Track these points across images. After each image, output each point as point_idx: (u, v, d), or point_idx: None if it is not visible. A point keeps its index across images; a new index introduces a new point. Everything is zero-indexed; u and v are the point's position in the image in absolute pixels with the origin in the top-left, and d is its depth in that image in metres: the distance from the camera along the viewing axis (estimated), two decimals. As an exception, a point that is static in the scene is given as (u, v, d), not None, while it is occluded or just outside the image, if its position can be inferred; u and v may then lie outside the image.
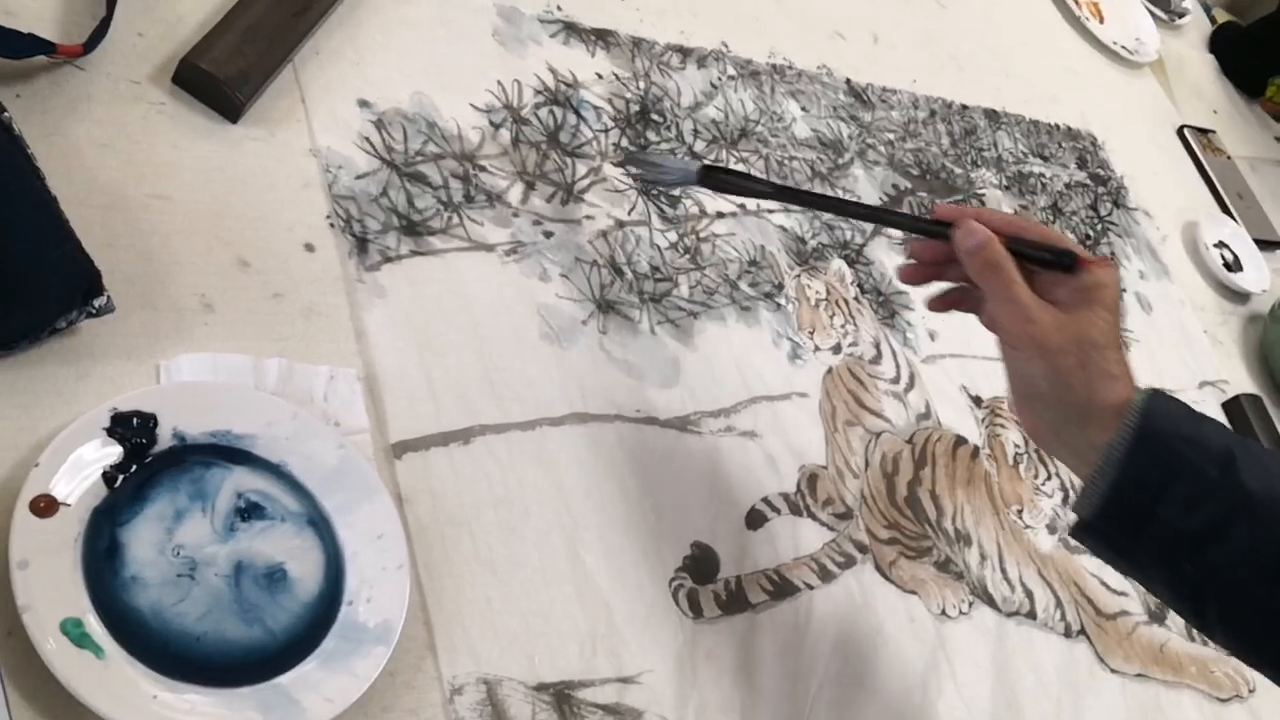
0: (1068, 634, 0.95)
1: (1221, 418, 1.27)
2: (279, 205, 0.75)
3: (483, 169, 0.86)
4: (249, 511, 0.64)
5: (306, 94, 0.81)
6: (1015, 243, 0.67)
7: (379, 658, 0.62)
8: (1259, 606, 0.62)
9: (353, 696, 0.61)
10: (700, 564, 0.79)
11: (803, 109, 1.13)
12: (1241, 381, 1.34)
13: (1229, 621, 0.64)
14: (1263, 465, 0.62)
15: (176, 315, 0.68)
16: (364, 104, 0.83)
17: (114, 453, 0.61)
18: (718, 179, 0.72)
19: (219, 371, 0.67)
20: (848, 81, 1.20)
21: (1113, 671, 0.96)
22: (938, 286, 0.75)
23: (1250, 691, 1.04)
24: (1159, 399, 0.64)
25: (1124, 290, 1.29)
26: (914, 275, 0.75)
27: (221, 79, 0.75)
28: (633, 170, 0.90)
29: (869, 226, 1.09)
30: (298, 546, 0.64)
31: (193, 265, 0.70)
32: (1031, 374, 0.66)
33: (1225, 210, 1.54)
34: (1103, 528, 0.65)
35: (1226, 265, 1.45)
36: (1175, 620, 1.03)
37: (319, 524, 0.65)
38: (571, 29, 1.00)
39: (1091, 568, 1.01)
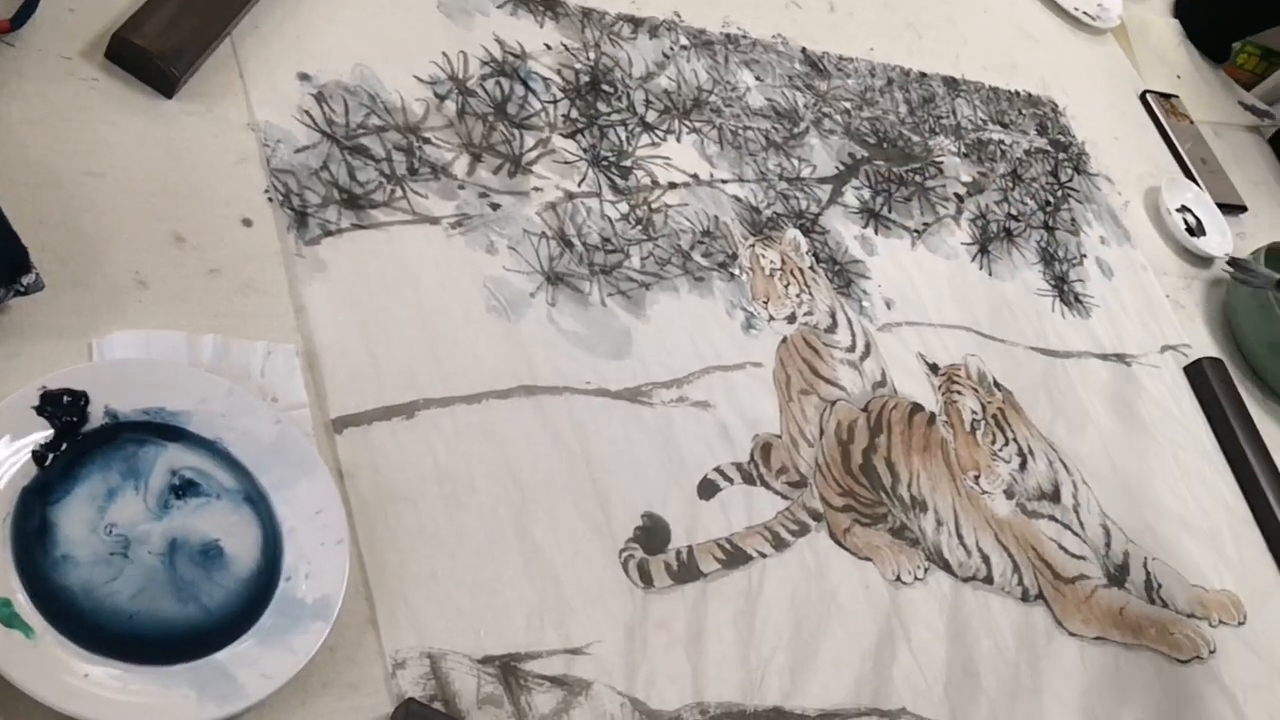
0: (1025, 598, 0.95)
1: (1183, 381, 1.27)
2: (215, 180, 0.75)
3: (427, 141, 0.86)
4: (184, 489, 0.63)
5: (245, 68, 0.80)
6: None
7: (318, 633, 0.62)
8: None
9: (290, 672, 0.60)
10: (651, 534, 0.79)
11: (757, 78, 1.12)
12: (1204, 345, 1.34)
13: None
14: None
15: (110, 293, 0.67)
16: (304, 77, 0.82)
17: (44, 432, 0.60)
18: None
19: (153, 348, 0.66)
20: (803, 50, 1.19)
21: (1071, 635, 0.96)
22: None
23: (1211, 652, 1.04)
24: None
25: (1085, 257, 1.29)
26: None
27: (155, 53, 0.74)
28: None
29: (824, 195, 1.09)
30: (234, 523, 0.64)
31: (127, 242, 0.69)
32: None
33: (1189, 175, 1.54)
34: None
35: (1189, 230, 1.45)
36: (1135, 582, 1.04)
37: (256, 500, 0.65)
38: (520, 0, 0.99)
39: (1050, 532, 1.01)
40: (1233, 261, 1.33)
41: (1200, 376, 1.27)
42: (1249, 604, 1.10)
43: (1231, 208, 1.55)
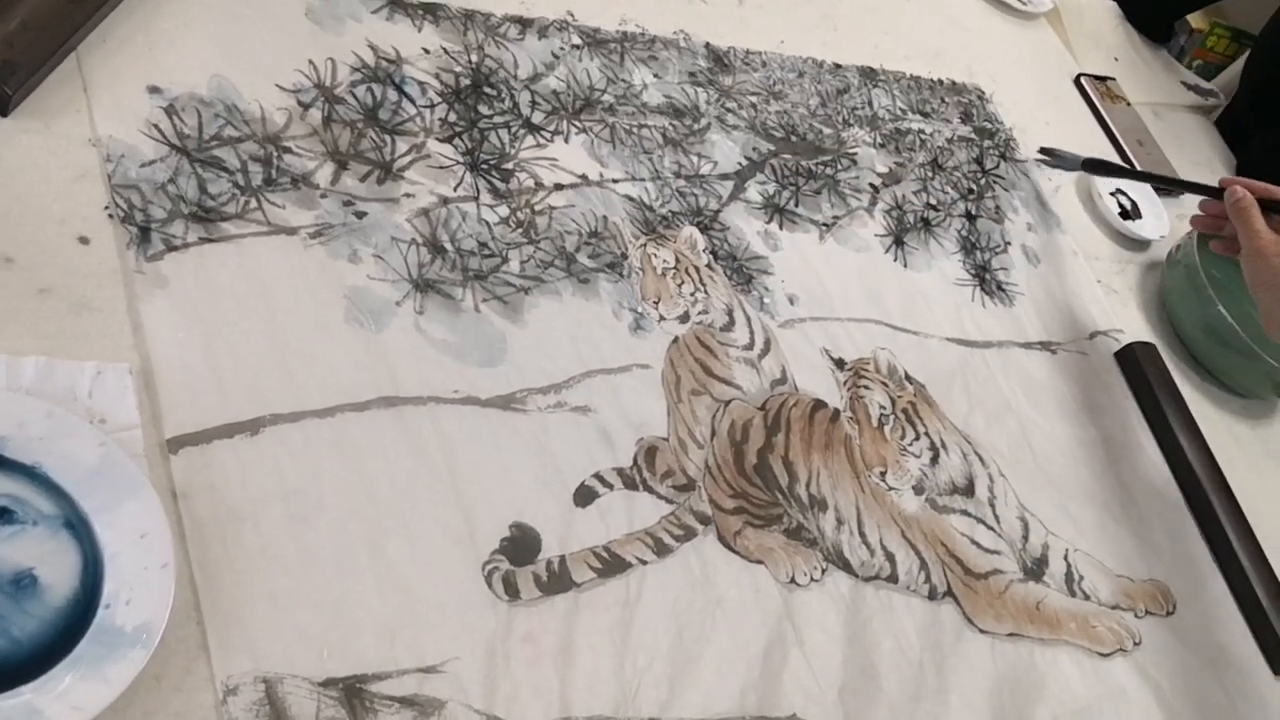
0: (932, 596, 0.93)
1: (1114, 367, 1.24)
2: (50, 198, 0.73)
3: (288, 150, 0.84)
4: (-3, 517, 0.61)
5: (90, 82, 0.78)
6: (1265, 199, 1.05)
7: (136, 661, 0.60)
8: None
9: (104, 703, 0.58)
10: (519, 545, 0.77)
11: (655, 75, 1.10)
12: (1139, 330, 1.32)
13: None
14: None
15: (-74, 317, 0.65)
16: (154, 90, 0.81)
17: None
18: (1096, 166, 1.26)
19: (-33, 373, 0.64)
20: (707, 45, 1.17)
21: (981, 632, 0.93)
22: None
23: (1136, 644, 1.01)
24: None
25: (1010, 244, 1.27)
26: (1203, 224, 1.17)
27: (-18, 70, 0.72)
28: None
29: (725, 192, 1.07)
30: (50, 550, 0.61)
31: (-52, 264, 0.67)
32: (1254, 270, 1.02)
33: (1124, 158, 1.51)
34: None
35: (1125, 213, 1.42)
36: (1054, 576, 1.01)
37: (76, 525, 0.63)
38: (396, 4, 0.97)
39: (962, 527, 0.98)
40: (1042, 150, 1.32)
41: (1131, 362, 1.24)
42: (1179, 593, 1.08)
43: (1171, 190, 1.52)
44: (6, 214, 0.71)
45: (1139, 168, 1.50)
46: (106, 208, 0.74)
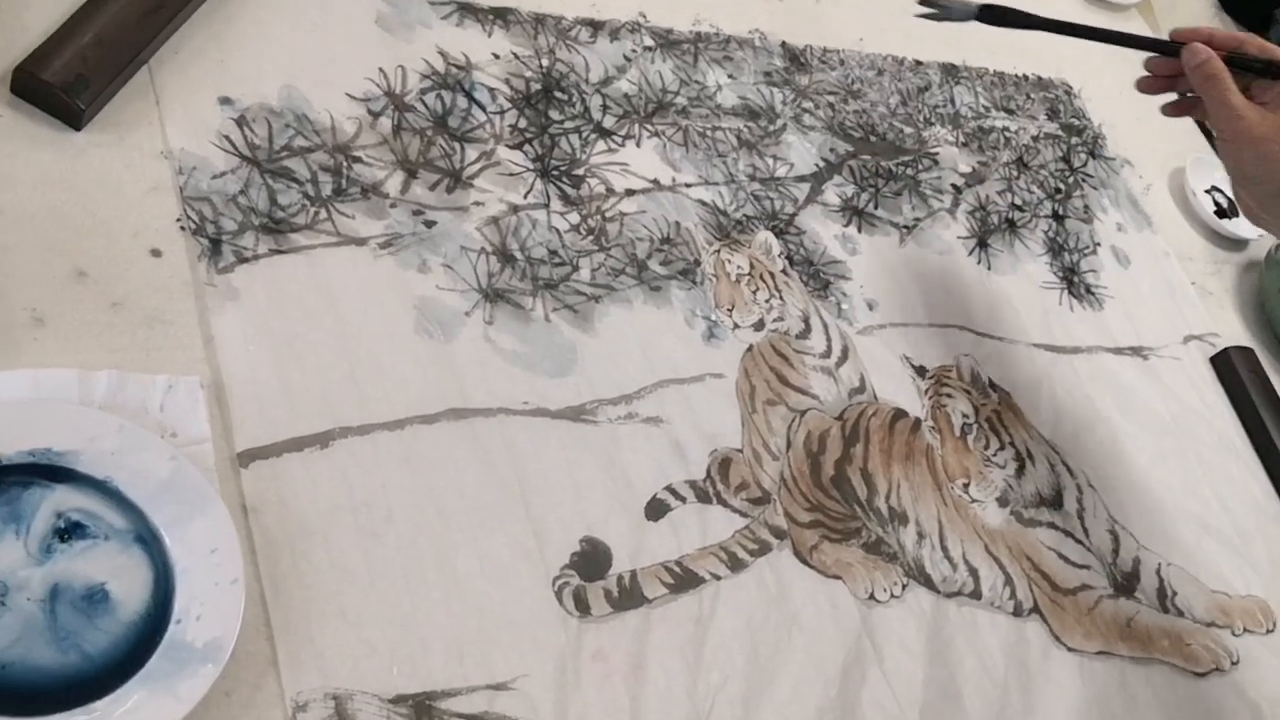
0: (1018, 612, 0.90)
1: (1209, 372, 1.19)
2: (123, 211, 0.73)
3: (358, 160, 0.83)
4: (69, 531, 0.61)
5: (162, 95, 0.78)
6: (1233, 57, 0.85)
7: (206, 677, 0.59)
8: None
9: (174, 719, 0.58)
10: (589, 560, 0.75)
11: (730, 76, 1.08)
12: (1236, 334, 1.27)
13: None
14: None
15: (2, 332, 0.66)
16: (226, 101, 0.81)
17: (-80, 479, 0.59)
18: (995, 15, 0.93)
19: (40, 388, 0.64)
20: (783, 44, 1.15)
21: (1070, 650, 0.90)
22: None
23: (1233, 664, 0.97)
24: None
25: (1099, 245, 1.23)
26: (1150, 86, 0.94)
27: (58, 85, 0.73)
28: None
29: (801, 194, 1.04)
30: (122, 565, 0.61)
31: (23, 279, 0.68)
32: (1243, 160, 0.83)
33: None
34: None
35: (1220, 211, 1.37)
36: (1145, 592, 0.97)
37: (148, 540, 0.63)
38: (466, 9, 0.96)
39: (1048, 541, 0.95)
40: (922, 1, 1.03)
41: (1228, 367, 1.19)
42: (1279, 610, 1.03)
43: (1269, 186, 1.46)
44: (80, 228, 0.71)
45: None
46: (178, 220, 0.74)
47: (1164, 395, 1.14)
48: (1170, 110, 0.95)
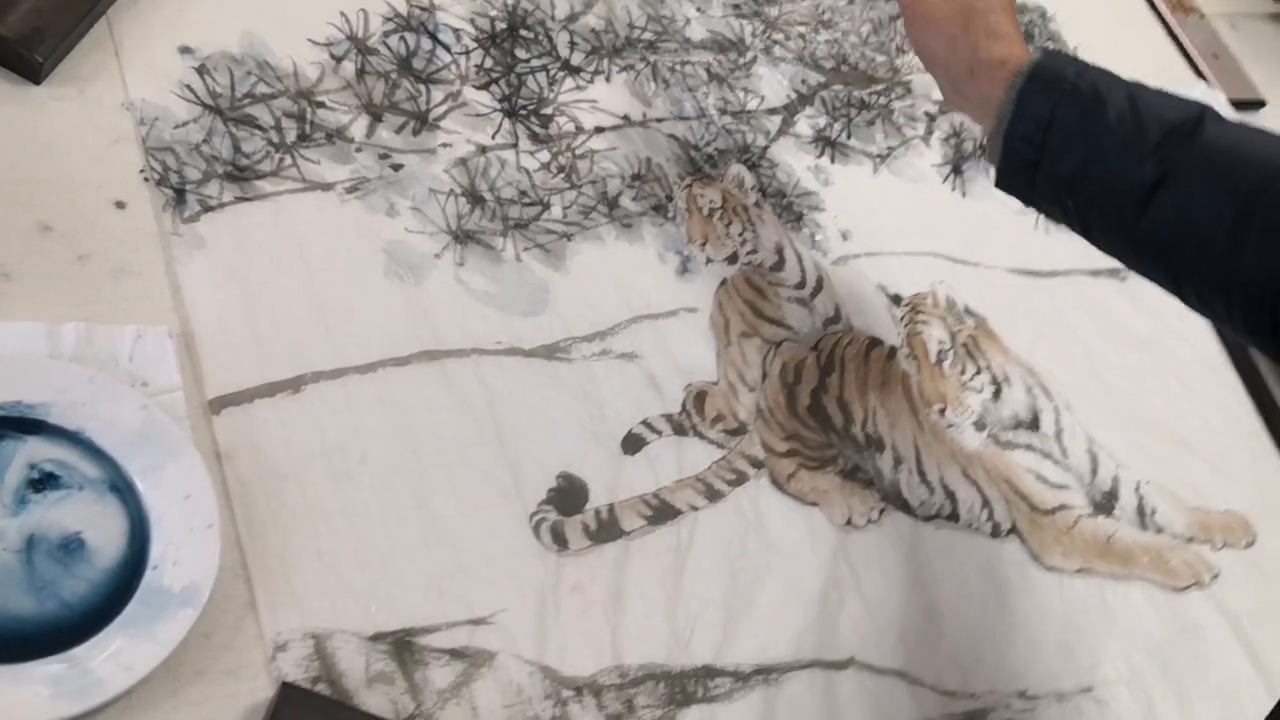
0: (995, 533, 0.91)
1: (1188, 292, 1.20)
2: (86, 164, 0.73)
3: (321, 105, 0.83)
4: (43, 482, 0.62)
5: (121, 47, 0.78)
6: None
7: (185, 620, 0.60)
8: (1125, 232, 0.72)
9: (154, 662, 0.59)
10: (566, 495, 0.76)
11: (698, 9, 1.07)
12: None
13: (1111, 249, 0.75)
14: (1129, 100, 0.71)
15: (-32, 288, 0.66)
16: (186, 50, 0.80)
17: (-110, 435, 0.59)
18: None
19: (8, 343, 0.65)
20: (752, -25, 1.14)
21: (1048, 569, 0.91)
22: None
23: (1213, 577, 0.98)
24: (1048, 58, 0.74)
25: None
26: None
27: (14, 39, 0.73)
28: None
29: (774, 127, 1.04)
30: (97, 514, 0.62)
31: (-13, 235, 0.68)
32: (928, 43, 0.80)
33: (1197, 73, 1.44)
34: (1007, 177, 0.76)
35: (1200, 131, 1.36)
36: (1124, 509, 0.98)
37: (122, 489, 0.63)
38: (429, -50, 0.95)
39: (1027, 463, 0.96)
40: None
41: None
42: (1260, 524, 1.04)
43: (1248, 104, 1.46)
44: (43, 182, 0.71)
45: (1216, 86, 1.43)
46: (142, 171, 0.74)
47: (1142, 315, 1.13)
48: None
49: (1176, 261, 0.71)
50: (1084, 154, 0.71)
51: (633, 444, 0.80)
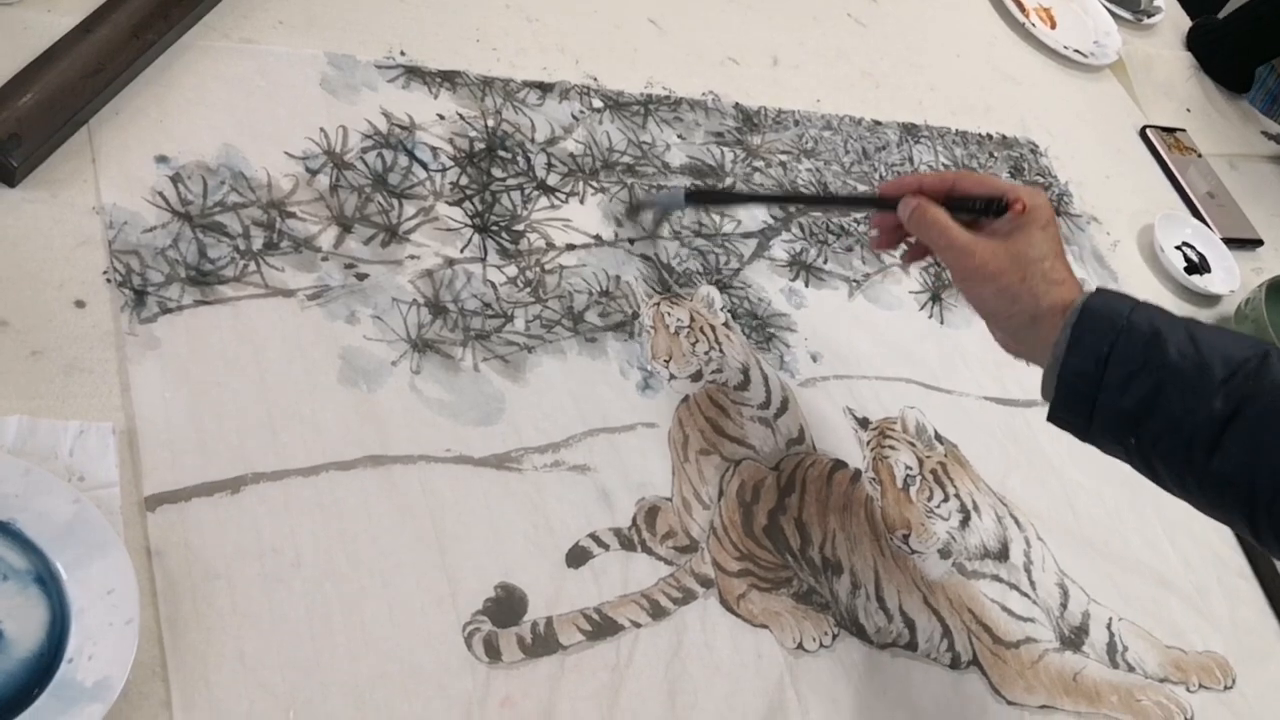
0: (955, 664, 0.89)
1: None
2: (50, 264, 0.75)
3: (291, 215, 0.85)
4: (-32, 571, 0.62)
5: (99, 154, 0.81)
6: (951, 198, 0.80)
7: (94, 715, 0.60)
8: (1195, 470, 0.70)
9: (56, 758, 0.58)
10: (503, 606, 0.76)
11: (679, 136, 1.10)
12: (1205, 388, 1.25)
13: (1179, 487, 0.73)
14: (1189, 338, 0.70)
15: (-82, 378, 0.68)
16: (162, 159, 0.83)
17: None
18: (700, 196, 0.93)
19: (-50, 432, 0.66)
20: (736, 105, 1.17)
21: (1009, 704, 0.89)
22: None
23: (1188, 720, 0.95)
24: (1098, 295, 0.74)
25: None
26: (882, 242, 0.87)
27: (-9, 144, 0.76)
28: (639, 216, 0.98)
29: (747, 251, 1.05)
30: (18, 605, 0.62)
31: (-57, 328, 0.70)
32: (984, 297, 0.78)
33: (1194, 212, 1.46)
34: (1062, 414, 0.75)
35: (1192, 267, 1.36)
36: (1094, 645, 0.95)
37: (46, 580, 0.64)
38: (413, 72, 0.99)
39: (992, 594, 0.94)
40: (630, 207, 0.99)
41: (1192, 421, 1.18)
42: (1240, 666, 1.01)
43: (1245, 242, 1.46)
44: (5, 279, 0.73)
45: (1210, 224, 1.44)
46: (105, 272, 0.76)
47: (1123, 449, 1.12)
48: (909, 257, 0.87)
49: (1252, 498, 0.68)
50: (1146, 390, 0.70)
51: (578, 557, 0.80)
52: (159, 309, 0.76)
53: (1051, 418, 0.76)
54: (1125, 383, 0.71)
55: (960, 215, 0.79)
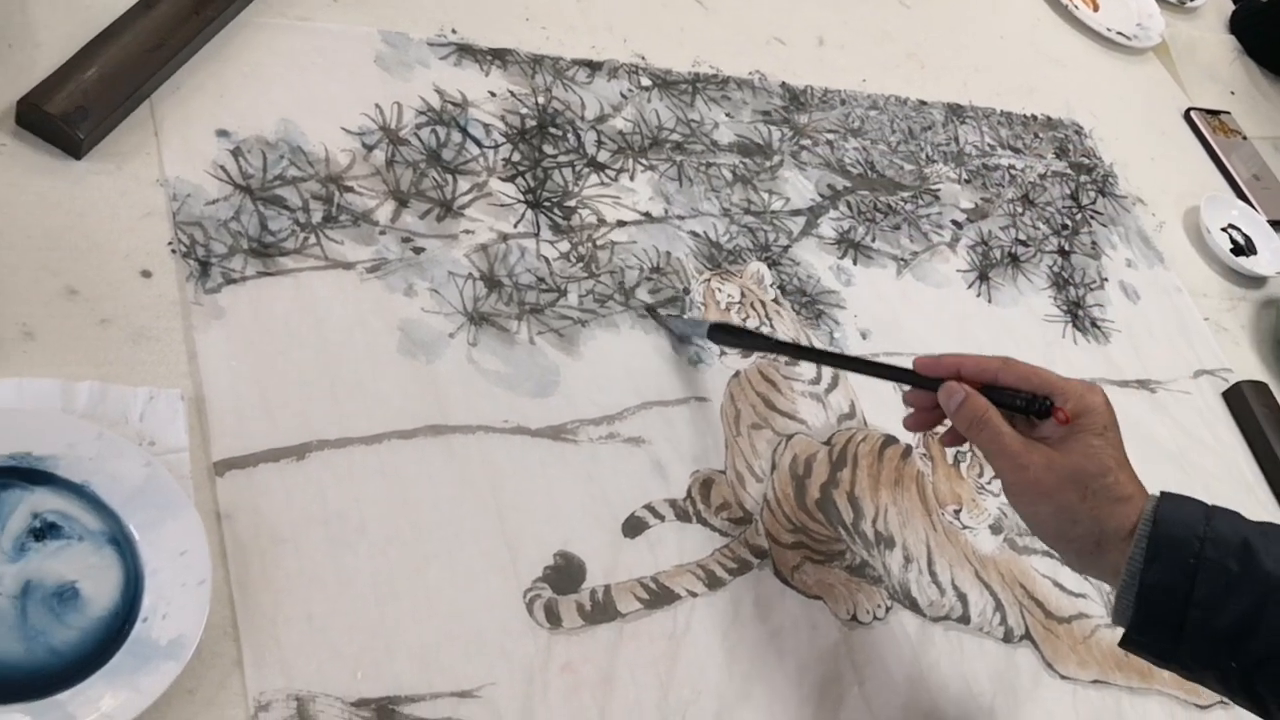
0: (1008, 639, 0.89)
1: (1220, 407, 1.18)
2: (117, 235, 0.76)
3: (349, 189, 0.86)
4: (45, 531, 0.63)
5: (161, 127, 0.82)
6: (992, 390, 0.71)
7: (169, 674, 0.61)
8: None
9: (134, 712, 0.59)
10: (562, 574, 0.76)
11: (727, 115, 1.10)
12: (1252, 370, 1.25)
13: None
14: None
15: (-8, 344, 0.69)
16: (223, 133, 0.84)
17: (-98, 479, 0.61)
18: (721, 336, 0.86)
19: (25, 397, 0.67)
20: (783, 85, 1.17)
21: (1063, 678, 0.89)
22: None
23: (1240, 697, 0.95)
24: (1168, 503, 0.66)
25: (1107, 280, 1.22)
26: (918, 422, 0.78)
27: (58, 116, 0.77)
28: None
29: (795, 229, 1.06)
30: (94, 565, 0.63)
31: (16, 295, 0.71)
32: (1039, 515, 0.68)
33: (1238, 193, 1.45)
34: (1141, 638, 0.66)
35: (1238, 249, 1.36)
36: (1146, 622, 0.95)
37: (120, 542, 0.65)
38: (465, 50, 1.00)
39: (1044, 569, 0.94)
40: (669, 321, 0.92)
41: (1240, 401, 1.18)
42: (1291, 644, 1.00)
43: (1292, 224, 1.46)
44: (74, 249, 0.74)
45: (1256, 206, 1.43)
46: (170, 243, 0.77)
47: (1172, 428, 1.12)
48: (947, 440, 0.78)
49: None
50: (1246, 605, 0.62)
51: (634, 527, 0.81)
52: (223, 279, 0.77)
53: (1126, 642, 0.68)
54: (1220, 597, 0.63)
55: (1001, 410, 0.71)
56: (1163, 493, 0.67)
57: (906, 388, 0.79)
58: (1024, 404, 0.71)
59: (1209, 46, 1.67)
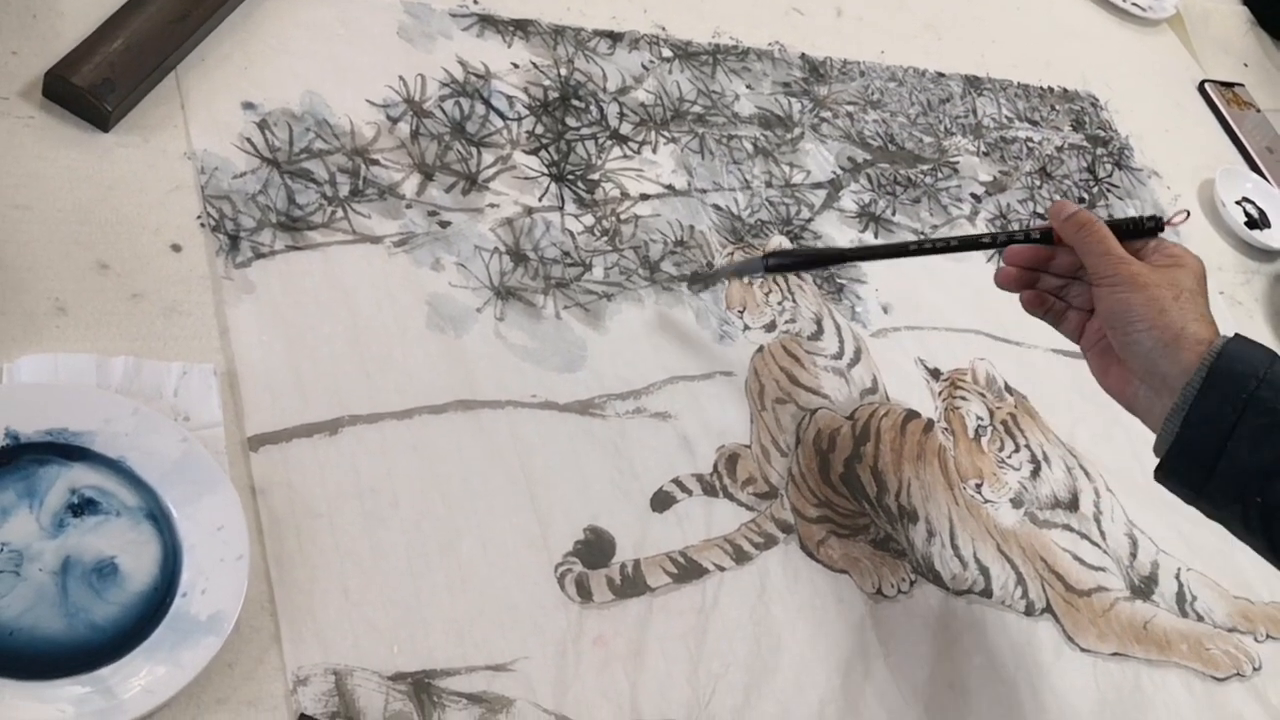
0: (1029, 612, 0.89)
1: (1236, 381, 1.18)
2: (146, 208, 0.76)
3: (375, 162, 0.86)
4: (83, 507, 0.63)
5: (187, 100, 0.82)
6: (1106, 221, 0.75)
7: (209, 648, 0.61)
8: None
9: (175, 687, 0.60)
10: (593, 548, 0.77)
11: (748, 86, 1.10)
12: (1265, 342, 1.25)
13: None
14: None
15: (26, 319, 0.69)
16: (249, 106, 0.84)
17: (-58, 454, 0.61)
18: (779, 258, 0.85)
19: (60, 372, 0.67)
20: (802, 56, 1.16)
21: (1083, 650, 0.89)
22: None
23: (1255, 669, 0.96)
24: (1238, 342, 0.68)
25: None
26: (1010, 280, 0.80)
27: (85, 89, 0.76)
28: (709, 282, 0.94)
29: (817, 201, 1.06)
30: (132, 540, 0.64)
31: (48, 271, 0.71)
32: (1131, 302, 0.70)
33: (1252, 165, 1.45)
34: (1178, 465, 0.69)
35: (1251, 222, 1.36)
36: (1163, 595, 0.96)
37: (158, 517, 0.65)
38: (487, 21, 0.99)
39: (1064, 543, 0.95)
40: (693, 279, 0.93)
41: (1256, 375, 1.18)
42: (1307, 618, 1.01)
43: (1305, 197, 1.45)
44: (104, 224, 0.74)
45: (1270, 179, 1.43)
46: (199, 217, 0.77)
47: (1188, 402, 1.13)
48: (1030, 300, 0.81)
49: None
50: None
51: (662, 501, 0.81)
52: (252, 254, 0.77)
53: (1161, 470, 0.70)
54: (1260, 435, 0.64)
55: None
56: (1237, 334, 0.69)
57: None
58: (1133, 226, 0.75)
59: (1223, 18, 1.66)
